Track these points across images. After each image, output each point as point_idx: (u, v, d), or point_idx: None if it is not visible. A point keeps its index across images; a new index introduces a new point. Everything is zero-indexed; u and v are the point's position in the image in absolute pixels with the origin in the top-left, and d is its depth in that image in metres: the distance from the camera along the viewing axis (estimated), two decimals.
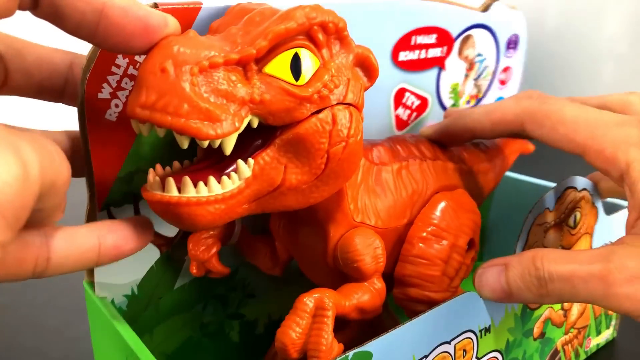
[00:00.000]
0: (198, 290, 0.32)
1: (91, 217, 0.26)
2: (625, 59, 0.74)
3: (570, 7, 0.78)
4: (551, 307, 0.33)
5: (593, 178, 0.33)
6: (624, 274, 0.23)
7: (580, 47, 0.78)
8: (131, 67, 0.24)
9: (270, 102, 0.21)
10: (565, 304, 0.34)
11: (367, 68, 0.25)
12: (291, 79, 0.22)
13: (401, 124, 0.38)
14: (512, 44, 0.43)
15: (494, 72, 0.43)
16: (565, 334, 0.35)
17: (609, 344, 0.40)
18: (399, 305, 0.30)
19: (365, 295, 0.27)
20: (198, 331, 0.33)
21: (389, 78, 0.36)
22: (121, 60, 0.24)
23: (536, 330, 0.32)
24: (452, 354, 0.27)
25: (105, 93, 0.24)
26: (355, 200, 0.28)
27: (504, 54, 0.43)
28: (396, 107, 0.37)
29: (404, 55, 0.36)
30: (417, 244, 0.29)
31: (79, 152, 0.25)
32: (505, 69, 0.44)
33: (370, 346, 0.23)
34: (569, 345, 0.36)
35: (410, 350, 0.25)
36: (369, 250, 0.27)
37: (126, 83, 0.24)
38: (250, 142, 0.23)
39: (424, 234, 0.29)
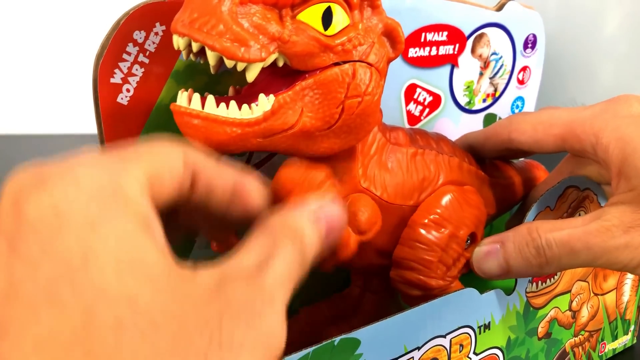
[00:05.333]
0: None
1: None
2: (625, 59, 0.72)
3: (570, 7, 0.76)
4: (557, 307, 0.32)
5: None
6: (621, 227, 0.24)
7: (580, 48, 0.76)
8: (141, 54, 0.26)
9: (297, 43, 0.23)
10: (574, 305, 0.33)
11: (393, 39, 0.27)
12: (320, 28, 0.24)
13: (413, 119, 0.38)
14: (530, 43, 0.42)
15: (511, 72, 0.42)
16: (575, 336, 0.34)
17: (627, 351, 0.39)
18: (395, 288, 0.30)
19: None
20: None
21: (399, 73, 0.36)
22: (132, 48, 0.26)
23: (541, 330, 0.32)
24: (448, 348, 0.27)
25: (117, 78, 0.26)
26: (365, 167, 0.29)
27: (521, 53, 0.42)
28: (407, 103, 0.37)
29: (413, 52, 0.36)
30: (418, 229, 0.29)
31: None
32: (524, 69, 0.43)
33: (358, 333, 0.24)
34: (580, 347, 0.35)
35: (401, 340, 0.25)
36: (367, 209, 0.27)
37: (137, 69, 0.26)
38: (276, 86, 0.24)
39: (426, 221, 0.29)
